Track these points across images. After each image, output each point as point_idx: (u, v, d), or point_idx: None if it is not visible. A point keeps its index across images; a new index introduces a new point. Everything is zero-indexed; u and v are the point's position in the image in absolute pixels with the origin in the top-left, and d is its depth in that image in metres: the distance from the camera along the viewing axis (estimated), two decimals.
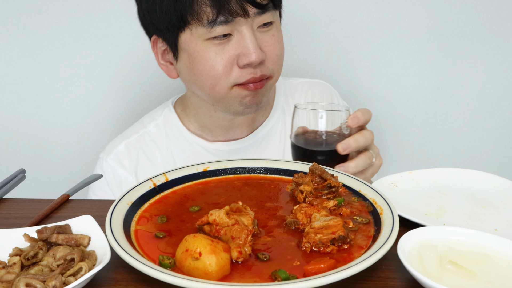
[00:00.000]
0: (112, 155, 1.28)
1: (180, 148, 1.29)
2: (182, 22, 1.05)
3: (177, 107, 1.34)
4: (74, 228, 0.75)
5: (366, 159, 0.98)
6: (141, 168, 1.28)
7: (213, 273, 0.61)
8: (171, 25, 1.07)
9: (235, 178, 0.93)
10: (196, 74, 1.11)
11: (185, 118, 1.31)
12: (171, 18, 1.05)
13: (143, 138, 1.30)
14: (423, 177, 0.97)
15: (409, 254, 0.65)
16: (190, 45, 1.08)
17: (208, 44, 1.07)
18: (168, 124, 1.31)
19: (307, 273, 0.62)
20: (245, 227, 0.68)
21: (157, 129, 1.31)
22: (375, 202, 0.78)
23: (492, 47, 1.69)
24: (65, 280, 0.62)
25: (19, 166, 1.12)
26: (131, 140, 1.30)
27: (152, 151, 1.29)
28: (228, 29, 1.05)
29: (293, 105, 1.34)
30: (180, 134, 1.30)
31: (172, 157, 1.29)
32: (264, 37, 1.10)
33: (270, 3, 1.08)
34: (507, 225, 0.80)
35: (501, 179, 0.94)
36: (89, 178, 1.05)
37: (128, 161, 1.28)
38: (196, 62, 1.09)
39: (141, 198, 0.82)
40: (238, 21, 1.04)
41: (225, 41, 1.07)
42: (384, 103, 1.75)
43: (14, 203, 0.94)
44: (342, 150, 0.96)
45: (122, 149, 1.29)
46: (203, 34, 1.05)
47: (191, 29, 1.06)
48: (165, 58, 1.19)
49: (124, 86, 1.70)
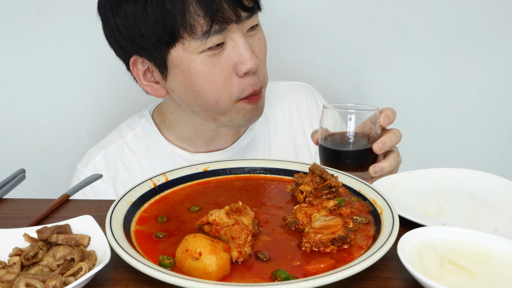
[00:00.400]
0: (89, 167, 1.23)
1: (160, 160, 1.24)
2: (173, 38, 0.99)
3: (155, 118, 1.28)
4: (74, 228, 0.75)
5: (396, 157, 0.99)
6: (120, 180, 1.23)
7: (213, 273, 0.61)
8: (159, 42, 1.00)
9: (235, 178, 0.93)
10: (196, 91, 1.06)
11: (164, 129, 1.25)
12: (160, 35, 0.99)
13: (121, 148, 1.25)
14: (423, 177, 0.97)
15: (409, 254, 0.65)
16: (183, 61, 1.02)
17: (203, 57, 1.02)
18: (147, 135, 1.25)
19: (307, 273, 0.62)
20: (245, 227, 0.68)
21: (135, 139, 1.25)
22: (375, 202, 0.78)
23: (492, 47, 1.69)
24: (65, 280, 0.62)
25: (19, 166, 1.12)
26: (108, 150, 1.24)
27: (131, 162, 1.24)
28: (221, 38, 1.01)
29: (276, 111, 1.31)
30: (159, 146, 1.24)
31: (152, 169, 1.23)
32: (252, 42, 1.08)
33: (255, 6, 1.06)
34: (507, 225, 0.80)
35: (501, 179, 0.94)
36: (89, 178, 1.05)
37: (106, 173, 1.22)
38: (194, 78, 1.04)
39: (141, 198, 0.82)
40: (231, 28, 1.01)
41: (219, 50, 1.03)
42: (384, 103, 1.75)
43: (14, 203, 0.94)
44: (378, 149, 0.95)
45: (100, 160, 1.23)
46: (197, 47, 1.00)
47: (183, 43, 1.00)
48: (147, 78, 1.12)
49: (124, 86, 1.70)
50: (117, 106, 1.72)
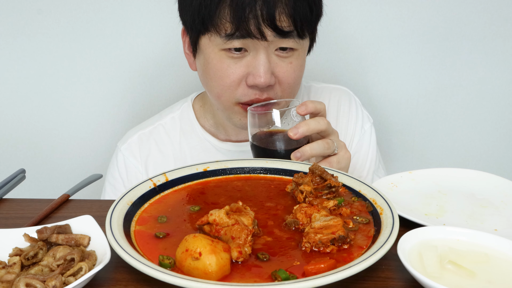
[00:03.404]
0: (125, 144, 1.32)
1: (192, 144, 1.31)
2: (203, 28, 1.07)
3: (196, 103, 1.35)
4: (74, 228, 0.75)
5: (323, 144, 0.99)
6: (152, 159, 1.30)
7: (213, 273, 0.61)
8: (194, 26, 1.09)
9: (235, 178, 0.93)
10: (207, 78, 1.14)
11: (202, 114, 1.32)
12: (195, 20, 1.08)
13: (157, 130, 1.33)
14: (423, 177, 0.97)
15: (409, 254, 0.65)
16: (207, 49, 1.10)
17: (223, 55, 1.08)
18: (184, 119, 1.33)
19: (307, 273, 0.62)
20: (245, 227, 0.68)
21: (172, 122, 1.34)
22: (375, 202, 0.78)
23: (492, 47, 1.69)
24: (65, 280, 0.62)
25: (19, 166, 1.12)
26: (145, 131, 1.33)
27: (164, 143, 1.32)
28: (243, 44, 1.05)
29: None
30: (193, 131, 1.31)
31: (183, 152, 1.30)
32: (280, 63, 1.09)
33: (294, 31, 1.06)
34: (507, 225, 0.80)
35: (501, 179, 0.94)
36: (89, 178, 1.05)
37: (139, 151, 1.31)
38: (209, 67, 1.11)
39: (141, 198, 0.82)
40: (256, 40, 1.04)
41: (240, 56, 1.07)
42: (384, 103, 1.75)
43: (14, 203, 0.94)
44: (293, 134, 0.97)
45: (135, 139, 1.32)
46: (220, 44, 1.07)
47: (210, 36, 1.08)
48: (189, 48, 1.20)
49: (124, 87, 1.70)
50: (117, 106, 1.72)
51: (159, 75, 1.69)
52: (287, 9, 1.03)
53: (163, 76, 1.69)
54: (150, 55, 1.67)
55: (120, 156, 1.31)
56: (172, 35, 1.58)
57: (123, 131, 1.43)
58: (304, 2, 1.05)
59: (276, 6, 1.01)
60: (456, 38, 1.68)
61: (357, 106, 1.37)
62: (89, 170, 1.41)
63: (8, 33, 1.63)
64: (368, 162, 1.34)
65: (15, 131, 1.73)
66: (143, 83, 1.70)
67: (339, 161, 1.01)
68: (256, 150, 1.03)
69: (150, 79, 1.70)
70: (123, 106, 1.72)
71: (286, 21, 1.04)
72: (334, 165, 1.01)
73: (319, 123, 0.99)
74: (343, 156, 1.02)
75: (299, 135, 0.97)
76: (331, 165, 1.00)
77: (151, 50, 1.66)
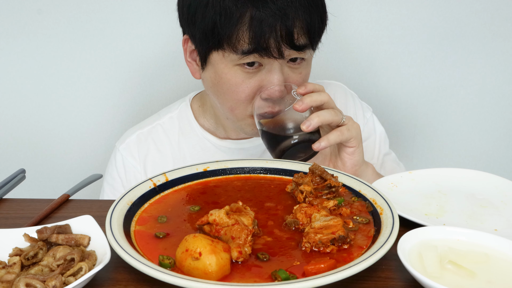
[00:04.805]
0: (124, 144, 1.31)
1: (191, 143, 1.30)
2: (218, 45, 1.05)
3: (194, 102, 1.35)
4: (74, 228, 0.75)
5: (330, 110, 1.01)
6: (150, 159, 1.30)
7: (213, 273, 0.61)
8: (205, 41, 1.06)
9: (235, 178, 0.93)
10: (219, 92, 1.12)
11: (201, 114, 1.32)
12: (208, 36, 1.05)
13: (156, 129, 1.32)
14: (423, 177, 0.97)
15: (409, 254, 0.65)
16: (219, 65, 1.08)
17: (237, 70, 1.06)
18: (182, 118, 1.33)
19: (307, 273, 0.62)
20: (245, 227, 0.68)
21: (171, 121, 1.33)
22: (375, 202, 0.78)
23: (492, 47, 1.69)
24: (65, 280, 0.62)
25: (19, 166, 1.12)
26: (143, 130, 1.32)
27: (163, 143, 1.31)
28: (260, 59, 1.05)
29: None
30: (191, 130, 1.31)
31: (182, 151, 1.30)
32: (291, 74, 1.10)
33: (308, 45, 1.07)
34: (507, 225, 0.80)
35: (501, 179, 0.94)
36: (89, 178, 1.05)
37: (137, 151, 1.30)
38: (222, 83, 1.09)
39: (141, 198, 0.82)
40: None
41: (255, 71, 1.07)
42: (384, 103, 1.75)
43: (14, 203, 0.94)
44: (305, 127, 0.98)
45: (134, 139, 1.31)
46: (234, 60, 1.05)
47: (224, 52, 1.05)
48: (192, 57, 1.18)
49: (123, 86, 1.70)
50: (117, 105, 1.72)
51: (158, 75, 1.69)
52: (304, 25, 1.04)
53: (162, 76, 1.69)
54: (149, 55, 1.67)
55: (119, 156, 1.31)
56: (170, 36, 1.58)
57: (124, 131, 1.43)
58: (317, 15, 1.06)
59: (295, 26, 1.02)
60: (456, 38, 1.68)
61: (354, 99, 1.39)
62: (89, 170, 1.40)
63: (8, 33, 1.63)
64: (377, 149, 1.35)
65: (15, 131, 1.72)
66: (143, 83, 1.70)
67: (349, 129, 1.02)
68: (266, 136, 1.05)
69: (150, 79, 1.70)
70: (123, 106, 1.72)
71: (303, 38, 1.05)
72: (345, 132, 1.01)
73: (320, 94, 1.02)
74: (352, 125, 1.03)
75: (311, 127, 0.99)
76: (342, 133, 1.01)
77: (150, 50, 1.66)
